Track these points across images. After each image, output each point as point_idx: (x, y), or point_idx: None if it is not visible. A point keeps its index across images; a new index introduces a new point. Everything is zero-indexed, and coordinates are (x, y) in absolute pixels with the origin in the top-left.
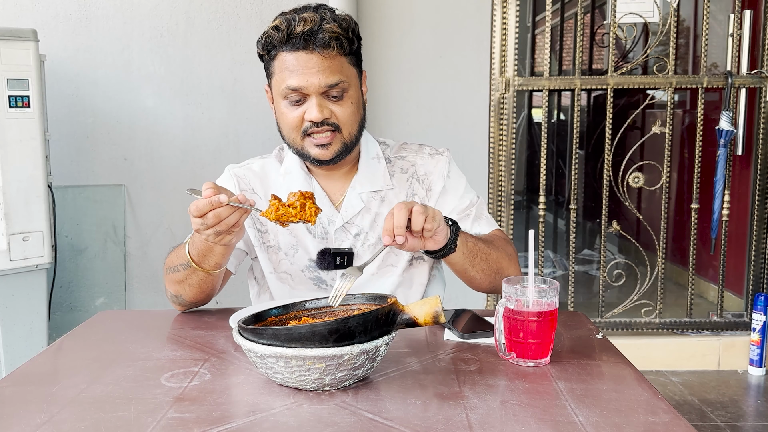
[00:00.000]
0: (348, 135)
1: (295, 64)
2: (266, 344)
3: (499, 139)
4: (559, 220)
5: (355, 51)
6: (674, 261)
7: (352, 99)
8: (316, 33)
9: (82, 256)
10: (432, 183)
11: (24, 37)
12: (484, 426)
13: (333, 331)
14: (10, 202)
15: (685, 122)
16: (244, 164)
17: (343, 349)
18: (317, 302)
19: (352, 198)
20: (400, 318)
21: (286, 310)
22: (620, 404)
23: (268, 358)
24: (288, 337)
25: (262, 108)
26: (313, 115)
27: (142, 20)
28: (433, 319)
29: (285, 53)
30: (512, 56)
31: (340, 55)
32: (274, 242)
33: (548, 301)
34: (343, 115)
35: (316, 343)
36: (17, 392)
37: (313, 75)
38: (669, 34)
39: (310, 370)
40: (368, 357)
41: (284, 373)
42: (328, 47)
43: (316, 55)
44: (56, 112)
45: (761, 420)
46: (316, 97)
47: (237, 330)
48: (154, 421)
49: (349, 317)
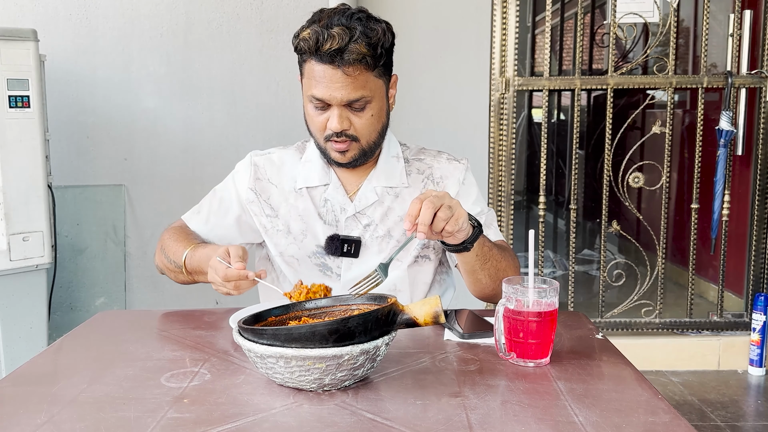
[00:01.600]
0: (366, 143)
1: (321, 76)
2: (266, 344)
3: (499, 139)
4: (559, 220)
5: (383, 63)
6: (674, 261)
7: (373, 110)
8: (342, 52)
9: (82, 256)
10: (446, 187)
11: (24, 37)
12: (484, 426)
13: (333, 331)
14: (10, 202)
15: (685, 122)
16: (266, 153)
17: (343, 349)
18: (317, 302)
19: (367, 190)
20: (400, 318)
21: (286, 310)
22: (620, 404)
23: (268, 358)
24: (288, 337)
25: (262, 108)
26: (333, 126)
27: (142, 20)
28: (433, 319)
29: (314, 62)
30: (512, 56)
31: (365, 71)
32: (284, 227)
33: (548, 301)
34: (361, 126)
35: (316, 343)
36: (17, 392)
37: (336, 90)
38: (669, 34)
39: (310, 370)
40: (368, 357)
41: (284, 373)
42: (353, 65)
43: (341, 71)
44: (56, 112)
45: (761, 420)
46: (338, 108)
47: (237, 330)
48: (154, 421)
49: (349, 317)
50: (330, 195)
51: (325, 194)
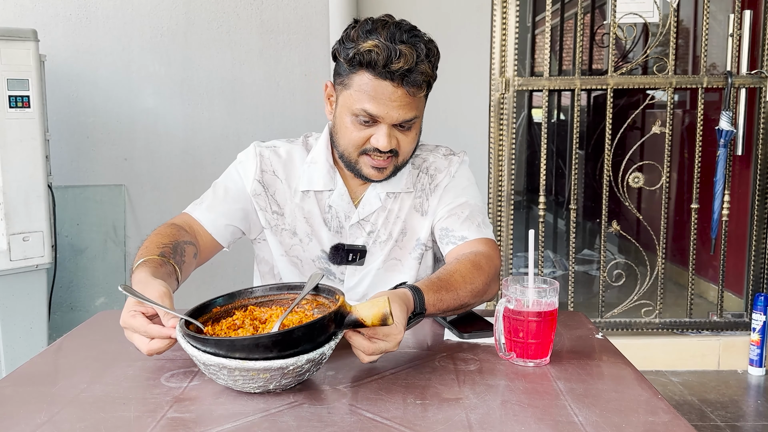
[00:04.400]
0: (402, 160)
1: (379, 92)
2: (210, 353)
3: (499, 139)
4: (559, 220)
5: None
6: (674, 261)
7: (417, 129)
8: (411, 72)
9: (82, 256)
10: (439, 180)
11: (24, 37)
12: (484, 426)
13: (277, 343)
14: (11, 202)
15: (685, 122)
16: (271, 146)
17: (287, 361)
18: (266, 290)
19: (371, 196)
20: (348, 319)
21: (231, 298)
22: (620, 404)
23: (210, 366)
24: (231, 347)
25: (262, 108)
26: (382, 144)
27: (142, 20)
28: (381, 320)
29: (371, 76)
30: (512, 56)
31: (422, 92)
32: (290, 227)
33: (548, 301)
34: (405, 144)
35: (259, 355)
36: (17, 392)
37: (393, 109)
38: (669, 34)
39: (254, 378)
40: (314, 363)
41: (227, 380)
42: (416, 87)
43: (402, 90)
44: (56, 112)
45: (761, 420)
46: (387, 127)
47: (180, 333)
48: (154, 421)
49: (293, 329)
50: (335, 201)
51: (330, 200)
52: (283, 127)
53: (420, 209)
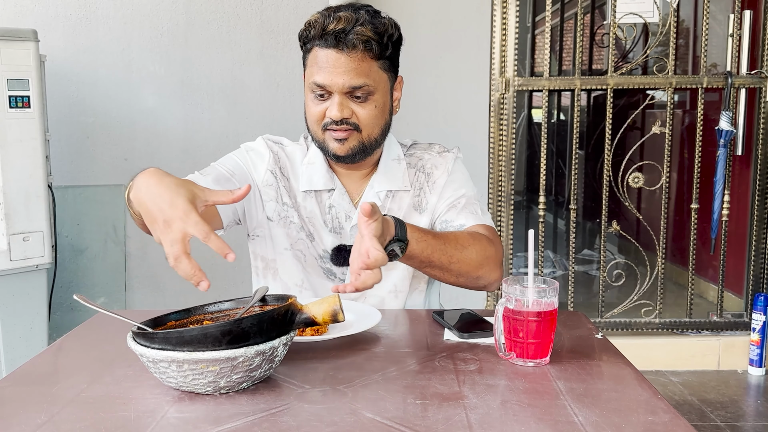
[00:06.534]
0: (367, 136)
1: (324, 62)
2: (158, 348)
3: (499, 139)
4: (559, 220)
5: (389, 56)
6: (674, 261)
7: (376, 102)
8: (347, 33)
9: (82, 256)
10: (437, 177)
11: (24, 38)
12: (484, 426)
13: (226, 333)
14: (11, 202)
15: (685, 122)
16: (278, 143)
17: (237, 351)
18: (220, 305)
19: (370, 196)
20: (299, 318)
21: (187, 314)
22: (620, 404)
23: (160, 362)
24: (179, 340)
25: (262, 108)
26: (333, 114)
27: (142, 20)
28: (332, 317)
29: (318, 49)
30: (512, 56)
31: (369, 59)
32: (298, 221)
33: (548, 301)
34: (364, 116)
35: (208, 346)
36: (17, 392)
37: (338, 75)
38: (669, 34)
39: (203, 373)
40: (265, 358)
41: (177, 377)
42: (355, 49)
43: (344, 55)
44: (56, 112)
45: (761, 420)
46: (339, 95)
47: (130, 335)
48: (154, 421)
49: (242, 318)
50: (335, 201)
51: (330, 200)
52: (283, 127)
53: (419, 207)
